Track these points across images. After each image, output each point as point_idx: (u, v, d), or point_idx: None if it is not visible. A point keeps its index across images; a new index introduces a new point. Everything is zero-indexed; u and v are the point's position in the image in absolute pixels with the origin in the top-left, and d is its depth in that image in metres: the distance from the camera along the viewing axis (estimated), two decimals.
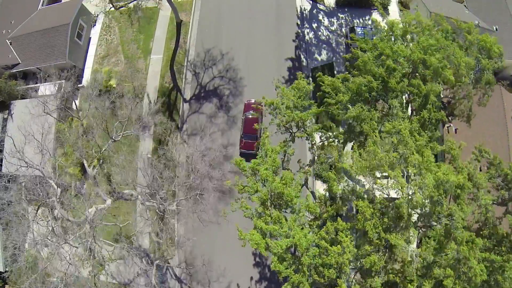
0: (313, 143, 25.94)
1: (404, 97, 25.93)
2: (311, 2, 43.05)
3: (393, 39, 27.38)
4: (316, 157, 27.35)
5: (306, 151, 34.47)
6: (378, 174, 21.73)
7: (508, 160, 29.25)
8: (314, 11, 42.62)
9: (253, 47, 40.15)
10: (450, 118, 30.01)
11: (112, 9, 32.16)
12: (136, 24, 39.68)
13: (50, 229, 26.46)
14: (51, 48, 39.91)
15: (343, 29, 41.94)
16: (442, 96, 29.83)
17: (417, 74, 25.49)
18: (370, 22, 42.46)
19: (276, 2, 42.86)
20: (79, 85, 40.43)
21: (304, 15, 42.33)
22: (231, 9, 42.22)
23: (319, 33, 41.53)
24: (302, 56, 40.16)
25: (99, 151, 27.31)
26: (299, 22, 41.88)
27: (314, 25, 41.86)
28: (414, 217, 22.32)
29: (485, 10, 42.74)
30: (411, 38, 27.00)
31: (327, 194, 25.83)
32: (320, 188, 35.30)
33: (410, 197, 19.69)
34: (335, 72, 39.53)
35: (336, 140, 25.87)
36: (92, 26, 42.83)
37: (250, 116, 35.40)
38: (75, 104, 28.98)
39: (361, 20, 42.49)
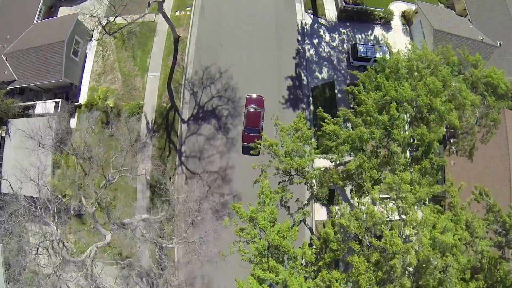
0: (311, 185, 25.75)
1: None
2: (312, 16, 41.93)
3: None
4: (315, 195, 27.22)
5: (305, 188, 34.26)
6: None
7: (509, 195, 29.10)
8: (315, 26, 41.55)
9: (252, 65, 39.40)
10: (450, 152, 29.67)
11: (106, 35, 31.21)
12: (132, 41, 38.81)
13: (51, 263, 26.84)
14: (47, 65, 39.22)
15: (345, 45, 40.96)
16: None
17: (421, 117, 24.99)
18: (372, 37, 41.48)
19: (276, 16, 41.76)
20: (76, 103, 40.01)
21: (305, 30, 41.29)
22: (229, 25, 41.21)
23: (320, 49, 40.61)
24: (302, 74, 39.43)
25: (97, 191, 27.16)
26: (299, 38, 40.91)
27: (315, 41, 40.88)
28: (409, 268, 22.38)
29: (490, 24, 41.65)
30: (418, 76, 26.24)
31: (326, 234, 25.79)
32: (320, 213, 35.36)
33: (404, 256, 19.68)
34: (336, 91, 38.90)
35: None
36: (88, 41, 41.93)
37: (252, 110, 35.57)
38: (71, 144, 28.66)
39: (363, 35, 41.46)
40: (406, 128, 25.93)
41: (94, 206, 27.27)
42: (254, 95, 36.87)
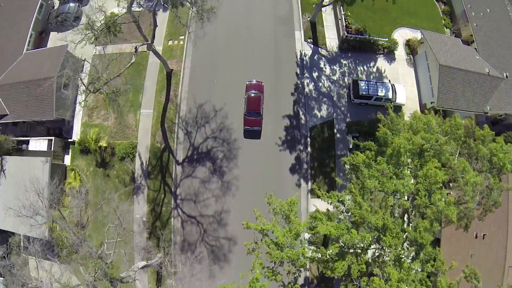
0: (301, 270, 25.34)
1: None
2: (312, 46, 39.76)
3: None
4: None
5: None
6: None
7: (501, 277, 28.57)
8: (315, 57, 39.48)
9: None
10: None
11: (90, 94, 29.76)
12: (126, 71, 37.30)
13: None
14: (38, 102, 38.12)
15: (346, 79, 39.08)
16: None
17: (415, 212, 24.00)
18: (375, 69, 39.44)
19: (275, 47, 39.70)
20: (69, 140, 39.34)
21: (304, 62, 39.31)
22: (225, 57, 39.33)
23: (320, 84, 38.83)
24: (300, 112, 37.97)
25: (95, 260, 27.07)
26: (298, 71, 39.05)
27: (315, 74, 39.01)
28: None
29: (497, 53, 39.40)
30: (419, 162, 24.86)
31: None
32: None
33: None
34: (335, 130, 37.57)
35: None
36: (80, 71, 40.36)
37: (253, 95, 36.50)
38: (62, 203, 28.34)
39: (365, 67, 39.42)
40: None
41: (92, 276, 27.32)
42: (254, 81, 37.40)
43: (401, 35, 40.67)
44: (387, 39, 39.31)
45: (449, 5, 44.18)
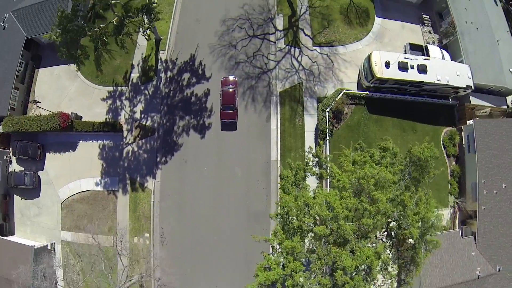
0: None
1: None
2: None
3: None
4: None
5: None
6: None
7: None
8: None
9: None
10: None
11: None
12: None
13: None
14: None
15: None
16: None
17: None
18: None
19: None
20: None
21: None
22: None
23: None
24: None
25: None
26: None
27: None
28: None
29: (497, 242, 35.38)
30: None
31: None
32: None
33: None
34: None
35: None
36: (53, 257, 38.23)
37: (228, 90, 38.39)
38: None
39: None
40: None
41: None
42: (230, 77, 39.26)
43: None
44: None
45: (462, 165, 38.33)
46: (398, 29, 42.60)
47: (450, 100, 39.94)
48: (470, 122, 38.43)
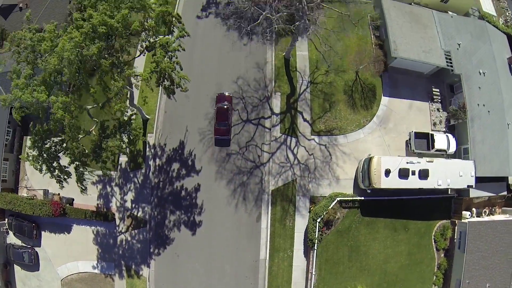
0: None
1: None
2: None
3: None
4: None
5: None
6: None
7: None
8: None
9: None
10: None
11: None
12: None
13: None
14: None
15: None
16: None
17: None
18: None
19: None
20: None
21: None
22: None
23: None
24: None
25: None
26: None
27: None
28: None
29: None
30: None
31: None
32: None
33: None
34: None
35: None
36: None
37: (223, 106, 38.18)
38: None
39: None
40: None
41: None
42: (225, 93, 39.05)
43: None
44: None
45: (450, 258, 38.82)
46: (405, 110, 39.33)
47: (449, 191, 39.07)
48: (466, 213, 38.29)
